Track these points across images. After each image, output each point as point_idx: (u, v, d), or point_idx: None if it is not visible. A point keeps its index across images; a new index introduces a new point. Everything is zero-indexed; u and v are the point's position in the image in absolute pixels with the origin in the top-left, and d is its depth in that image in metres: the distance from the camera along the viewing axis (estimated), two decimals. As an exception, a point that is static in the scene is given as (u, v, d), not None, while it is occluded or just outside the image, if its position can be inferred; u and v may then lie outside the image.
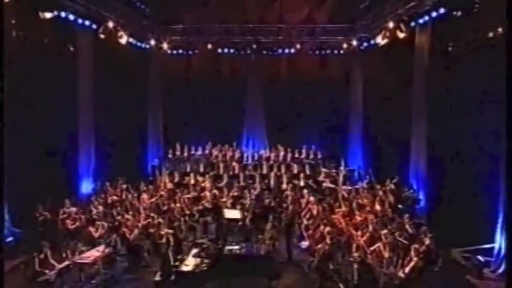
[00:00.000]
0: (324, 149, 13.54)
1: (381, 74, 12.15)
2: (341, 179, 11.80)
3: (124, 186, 10.65)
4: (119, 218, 8.69)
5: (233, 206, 9.71)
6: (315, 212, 9.34)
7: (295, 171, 12.71)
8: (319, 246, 7.45)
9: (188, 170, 12.69)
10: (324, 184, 12.18)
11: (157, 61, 13.86)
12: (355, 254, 7.36)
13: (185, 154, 13.29)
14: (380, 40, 11.08)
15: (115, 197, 10.10)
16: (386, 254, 7.29)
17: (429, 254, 7.08)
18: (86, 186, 11.24)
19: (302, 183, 11.71)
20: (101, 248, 7.72)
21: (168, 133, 13.89)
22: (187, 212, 9.68)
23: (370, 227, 8.16)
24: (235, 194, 10.75)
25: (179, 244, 8.08)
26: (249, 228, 9.27)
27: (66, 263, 7.04)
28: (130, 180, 10.89)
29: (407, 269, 6.84)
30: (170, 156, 13.38)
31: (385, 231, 7.76)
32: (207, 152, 13.45)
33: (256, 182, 11.70)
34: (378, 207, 9.81)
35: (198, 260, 6.86)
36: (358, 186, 11.19)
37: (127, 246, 8.25)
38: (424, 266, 6.90)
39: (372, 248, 7.58)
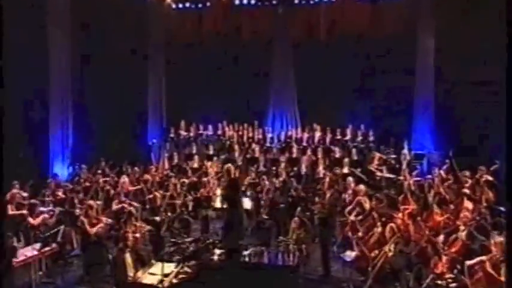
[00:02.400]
0: (378, 129, 11.20)
1: (462, 24, 9.84)
2: (405, 166, 8.84)
3: (107, 170, 9.11)
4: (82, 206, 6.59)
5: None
6: (367, 206, 6.84)
7: (337, 155, 10.19)
8: (375, 256, 5.37)
9: (194, 152, 10.57)
10: (379, 174, 9.44)
11: (158, 18, 12.14)
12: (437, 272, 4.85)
13: (191, 134, 11.20)
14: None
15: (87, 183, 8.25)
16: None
17: None
18: (61, 171, 9.31)
19: (346, 171, 9.13)
20: (37, 245, 5.54)
21: (172, 109, 12.21)
22: (178, 202, 7.34)
23: (463, 233, 5.40)
24: (251, 181, 8.43)
25: (158, 244, 6.20)
26: (267, 227, 7.13)
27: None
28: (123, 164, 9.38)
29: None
30: (172, 135, 11.30)
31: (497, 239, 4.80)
32: (219, 132, 11.58)
33: (282, 169, 9.18)
34: (468, 204, 6.78)
35: (173, 267, 4.86)
36: (431, 176, 8.47)
37: (82, 244, 5.99)
38: None
39: (471, 263, 4.68)
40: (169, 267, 4.87)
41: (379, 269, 5.25)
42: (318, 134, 11.24)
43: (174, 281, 4.68)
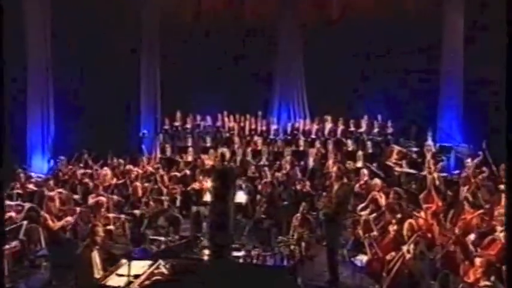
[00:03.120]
0: (397, 120, 10.50)
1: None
2: (429, 157, 8.20)
3: (90, 162, 8.83)
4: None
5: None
6: (383, 203, 6.37)
7: (350, 148, 9.70)
8: (390, 259, 4.71)
9: (189, 144, 10.16)
10: (398, 169, 8.87)
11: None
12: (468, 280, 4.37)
13: (188, 125, 10.72)
14: None
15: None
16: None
17: None
18: (39, 164, 8.94)
19: (360, 166, 8.61)
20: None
21: (167, 98, 11.62)
22: (166, 198, 6.88)
23: (501, 234, 4.76)
24: (251, 175, 8.02)
25: (137, 242, 5.82)
26: (266, 227, 6.66)
27: None
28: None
29: None
30: (167, 127, 10.86)
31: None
32: (219, 123, 11.06)
33: (286, 162, 8.60)
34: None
35: (146, 267, 4.33)
36: (460, 171, 8.06)
37: (47, 242, 5.53)
38: None
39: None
40: (143, 268, 4.33)
41: (396, 274, 4.62)
42: (328, 126, 10.63)
43: (146, 283, 4.15)
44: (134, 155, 9.52)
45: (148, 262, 4.41)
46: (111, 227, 5.55)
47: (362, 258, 5.46)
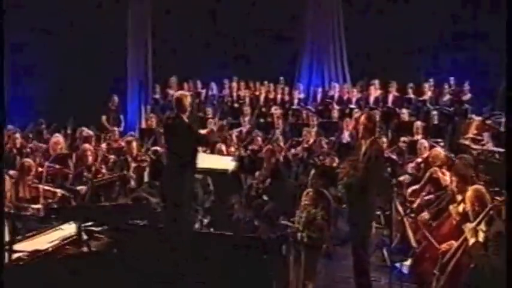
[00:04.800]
0: (477, 81, 9.08)
1: None
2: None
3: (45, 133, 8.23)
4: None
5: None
6: (446, 181, 5.05)
7: (406, 119, 8.29)
8: (446, 250, 3.53)
9: None
10: (476, 147, 7.31)
11: None
12: None
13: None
14: None
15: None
16: None
17: None
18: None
19: (420, 138, 7.26)
20: None
21: (161, 63, 10.73)
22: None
23: None
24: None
25: None
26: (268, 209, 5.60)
27: None
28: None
29: None
30: (157, 96, 9.78)
31: None
32: (225, 91, 10.01)
33: (309, 134, 7.45)
34: None
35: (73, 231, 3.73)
36: None
37: None
38: None
39: None
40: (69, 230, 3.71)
41: (454, 271, 3.28)
42: (376, 92, 9.20)
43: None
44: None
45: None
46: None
47: (405, 265, 4.41)
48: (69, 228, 3.73)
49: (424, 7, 9.73)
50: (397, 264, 4.51)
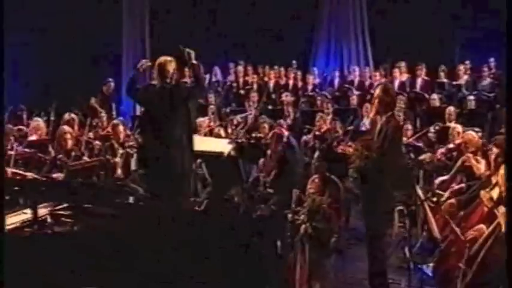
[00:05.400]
0: None
1: None
2: None
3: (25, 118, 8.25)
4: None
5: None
6: (481, 169, 4.81)
7: (437, 104, 7.73)
8: (473, 239, 3.33)
9: None
10: None
11: None
12: None
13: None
14: None
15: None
16: None
17: None
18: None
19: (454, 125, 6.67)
20: None
21: (160, 44, 10.37)
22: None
23: None
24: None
25: None
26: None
27: None
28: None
29: None
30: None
31: None
32: (231, 77, 9.77)
33: (323, 120, 7.08)
34: None
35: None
36: None
37: None
38: None
39: None
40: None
41: (482, 264, 3.05)
42: (403, 76, 8.66)
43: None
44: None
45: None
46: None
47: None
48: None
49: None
50: (424, 266, 4.02)
